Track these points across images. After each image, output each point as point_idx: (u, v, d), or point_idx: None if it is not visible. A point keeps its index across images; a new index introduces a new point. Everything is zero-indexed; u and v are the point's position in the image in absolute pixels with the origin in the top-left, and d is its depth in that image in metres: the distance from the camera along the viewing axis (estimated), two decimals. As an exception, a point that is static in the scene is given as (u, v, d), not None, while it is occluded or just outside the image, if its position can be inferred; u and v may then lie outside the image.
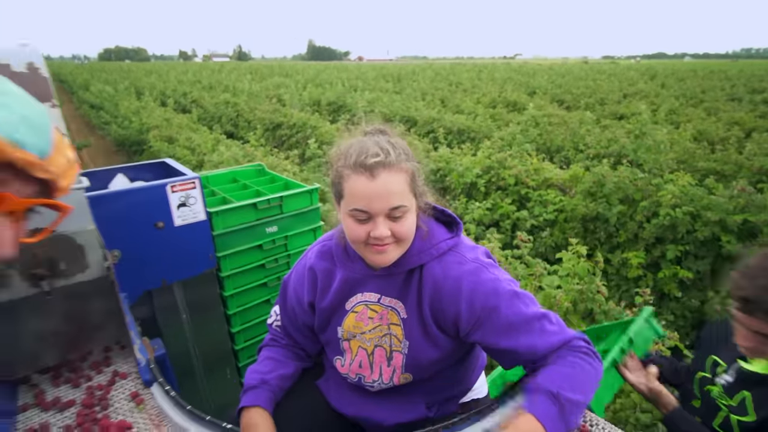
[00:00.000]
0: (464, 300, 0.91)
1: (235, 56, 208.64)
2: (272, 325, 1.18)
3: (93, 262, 1.19)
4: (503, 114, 8.92)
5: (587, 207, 3.65)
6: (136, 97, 12.74)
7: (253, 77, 21.73)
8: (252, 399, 1.01)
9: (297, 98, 11.44)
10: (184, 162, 4.98)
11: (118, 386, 1.12)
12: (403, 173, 0.86)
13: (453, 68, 27.77)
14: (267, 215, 1.75)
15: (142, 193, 1.45)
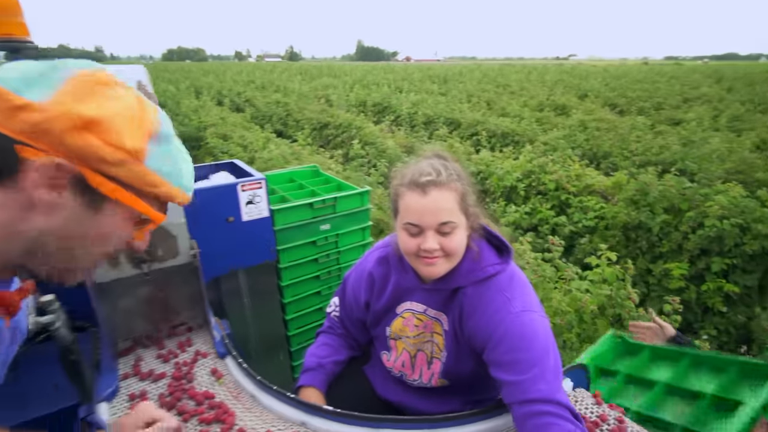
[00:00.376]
0: (480, 320, 0.98)
1: (286, 56, 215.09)
2: (331, 314, 1.32)
3: (183, 250, 1.37)
4: (550, 118, 8.74)
5: (629, 215, 3.59)
6: (195, 96, 13.58)
7: (302, 78, 22.44)
8: (310, 379, 1.18)
9: (344, 99, 11.76)
10: (236, 158, 5.33)
11: (200, 363, 1.25)
12: (453, 192, 0.94)
13: (501, 69, 27.28)
14: (322, 214, 1.87)
15: (218, 191, 1.58)
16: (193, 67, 44.56)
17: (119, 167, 0.54)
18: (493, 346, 0.95)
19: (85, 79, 0.52)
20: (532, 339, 0.92)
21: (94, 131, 0.51)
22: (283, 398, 1.09)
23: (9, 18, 1.59)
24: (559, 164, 4.47)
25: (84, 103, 0.51)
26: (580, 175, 4.25)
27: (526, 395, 0.88)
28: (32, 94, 0.49)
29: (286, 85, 16.36)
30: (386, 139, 6.59)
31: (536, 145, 5.46)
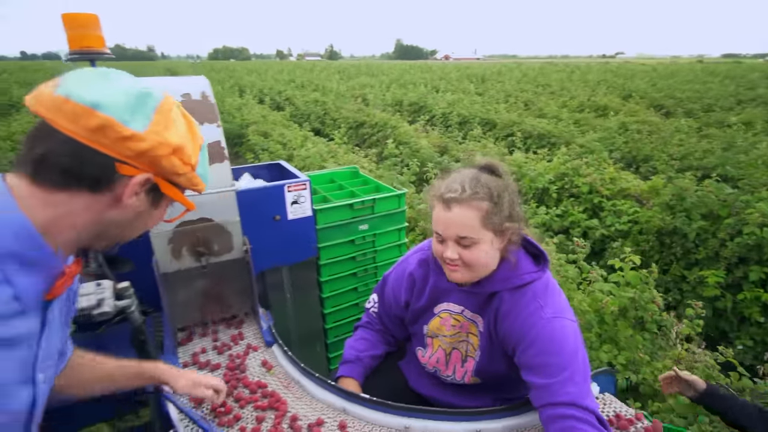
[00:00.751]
0: (512, 324, 1.04)
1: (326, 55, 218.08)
2: (369, 309, 1.38)
3: (236, 245, 1.48)
4: (590, 119, 8.54)
5: (663, 220, 3.53)
6: (239, 94, 14.15)
7: (341, 77, 22.81)
8: (348, 371, 1.27)
9: (380, 98, 11.92)
10: (276, 156, 5.59)
11: (251, 356, 1.34)
12: (475, 210, 0.98)
13: (542, 69, 26.62)
14: (361, 214, 1.95)
15: (267, 191, 1.68)
16: (237, 66, 46.14)
17: (182, 176, 0.69)
18: (524, 349, 0.99)
19: (164, 108, 0.66)
20: (562, 344, 0.96)
21: (178, 155, 0.66)
22: (325, 385, 1.18)
23: (89, 32, 1.82)
24: (594, 167, 4.42)
25: (170, 132, 0.65)
26: (614, 178, 4.19)
27: (553, 398, 0.91)
28: (135, 125, 0.61)
29: (324, 84, 16.72)
30: (420, 138, 6.68)
31: (571, 147, 5.39)
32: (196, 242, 1.42)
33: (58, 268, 0.65)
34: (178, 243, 1.41)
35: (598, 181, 4.15)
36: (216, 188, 1.41)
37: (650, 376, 1.84)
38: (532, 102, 11.46)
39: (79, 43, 1.74)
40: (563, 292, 1.08)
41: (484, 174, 1.03)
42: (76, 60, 1.74)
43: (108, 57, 1.79)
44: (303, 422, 1.09)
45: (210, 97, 1.41)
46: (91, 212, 0.63)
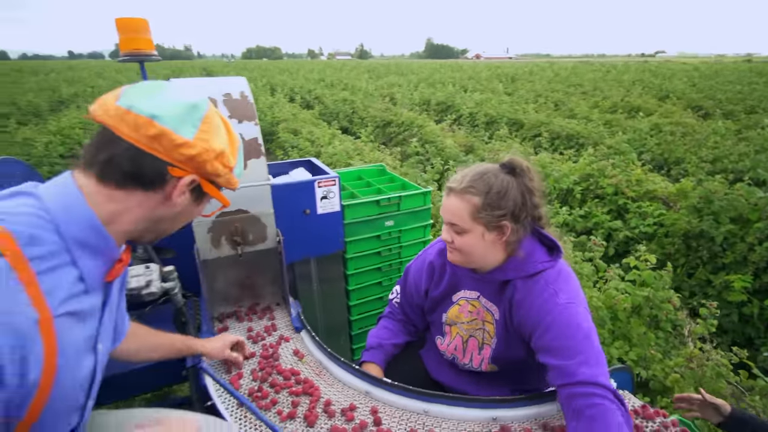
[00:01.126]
0: (527, 310, 1.07)
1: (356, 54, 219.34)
2: (392, 300, 1.45)
3: (270, 236, 1.55)
4: (621, 120, 8.35)
5: (690, 223, 3.47)
6: (270, 93, 14.53)
7: (370, 76, 22.99)
8: (371, 356, 1.34)
9: (408, 98, 12.00)
10: (305, 152, 5.78)
11: (283, 346, 1.39)
12: (466, 203, 1.05)
13: (576, 68, 25.98)
14: (387, 211, 2.00)
15: (298, 186, 1.75)
16: (269, 65, 47.13)
17: (222, 177, 0.77)
18: (541, 333, 1.03)
19: (209, 118, 0.74)
20: (577, 328, 1.00)
21: (220, 159, 0.74)
22: (349, 369, 1.24)
23: (139, 35, 1.97)
24: (620, 168, 4.37)
25: (214, 139, 0.73)
26: (641, 180, 4.14)
27: (571, 378, 0.96)
28: (185, 133, 0.70)
29: (353, 84, 16.92)
30: (446, 138, 6.73)
31: (598, 148, 5.32)
32: (234, 232, 1.51)
33: (116, 254, 0.74)
34: (218, 232, 1.51)
35: (623, 183, 4.11)
36: (252, 182, 1.48)
37: (660, 372, 1.87)
38: (562, 102, 11.27)
39: (130, 45, 1.88)
40: (576, 278, 1.12)
41: (500, 172, 1.07)
42: (127, 61, 1.89)
43: (155, 58, 1.92)
44: (336, 407, 1.13)
45: (249, 96, 1.50)
46: (144, 208, 0.72)
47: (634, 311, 2.08)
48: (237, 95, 1.48)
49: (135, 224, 0.72)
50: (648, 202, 3.98)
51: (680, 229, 3.54)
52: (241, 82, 1.53)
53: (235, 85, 1.50)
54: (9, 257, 0.58)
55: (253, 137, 1.48)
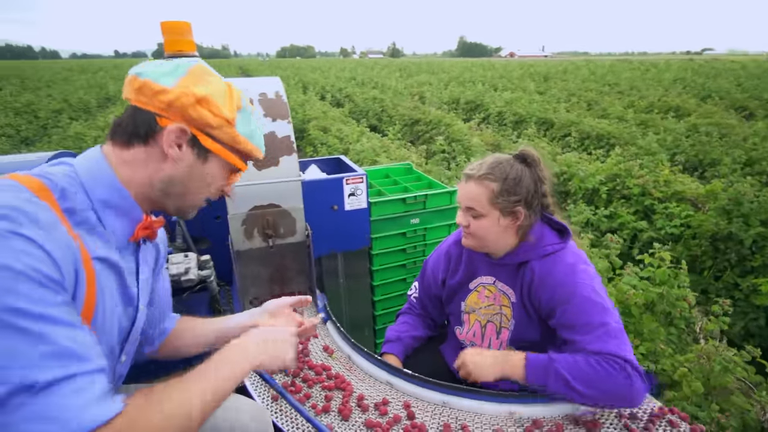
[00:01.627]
0: (548, 290, 1.12)
1: (388, 53, 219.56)
2: (411, 296, 1.49)
3: (299, 230, 1.61)
4: (657, 120, 8.11)
5: (718, 225, 3.41)
6: (302, 91, 14.88)
7: (400, 74, 23.08)
8: (390, 348, 1.37)
9: (437, 97, 12.03)
10: (333, 149, 5.96)
11: (313, 342, 1.40)
12: (484, 188, 1.12)
13: (613, 67, 25.17)
14: (413, 209, 2.02)
15: (327, 183, 1.80)
16: (302, 63, 47.96)
17: (219, 130, 0.74)
18: (562, 311, 1.08)
19: (196, 71, 0.74)
20: (595, 304, 1.06)
21: (204, 105, 0.71)
22: (372, 359, 1.28)
23: (181, 37, 2.13)
24: (648, 169, 4.31)
25: (196, 86, 0.71)
26: (669, 180, 4.08)
27: (593, 347, 1.01)
28: (165, 82, 0.70)
29: (383, 82, 17.07)
30: (473, 136, 6.77)
31: (626, 148, 5.24)
32: (266, 225, 1.57)
33: (138, 215, 0.76)
34: (251, 225, 1.56)
35: (650, 183, 4.06)
36: (285, 178, 1.54)
37: (669, 367, 1.91)
38: (595, 102, 11.02)
39: (173, 47, 2.06)
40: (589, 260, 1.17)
41: (514, 162, 1.15)
42: None
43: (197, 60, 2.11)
44: (369, 401, 1.14)
45: (283, 96, 1.57)
46: (149, 167, 0.73)
47: (648, 308, 2.12)
48: (272, 95, 1.56)
49: (149, 185, 0.74)
50: (676, 203, 3.92)
51: (707, 230, 3.48)
52: (275, 82, 1.60)
53: (271, 85, 1.58)
54: (49, 204, 0.63)
55: (286, 135, 1.54)
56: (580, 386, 0.99)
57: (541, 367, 1.05)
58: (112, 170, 0.72)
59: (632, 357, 1.01)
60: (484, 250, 1.22)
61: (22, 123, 8.79)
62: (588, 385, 0.99)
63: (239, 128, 0.76)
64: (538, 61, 51.87)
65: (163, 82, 0.70)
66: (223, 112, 0.73)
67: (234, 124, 0.75)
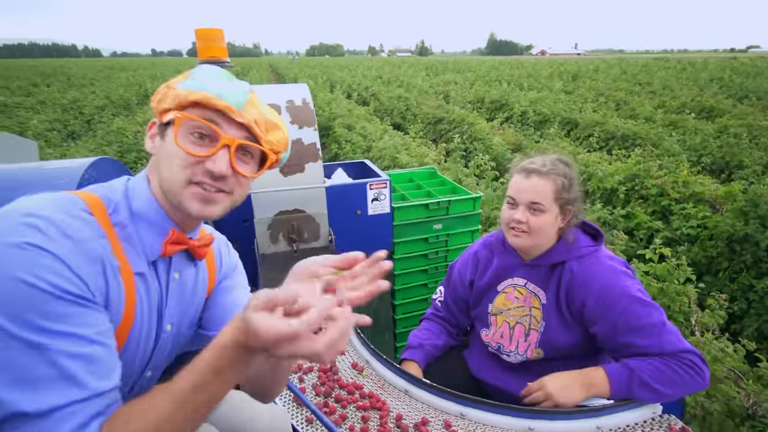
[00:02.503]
0: (593, 294, 1.11)
1: (416, 51, 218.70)
2: (435, 300, 1.47)
3: (323, 235, 1.65)
4: (688, 121, 7.94)
5: (733, 226, 3.42)
6: (329, 90, 15.18)
7: (427, 73, 23.11)
8: (411, 354, 1.35)
9: (462, 96, 12.08)
10: (357, 146, 6.16)
11: (340, 359, 1.33)
12: (552, 183, 1.13)
13: (647, 66, 24.40)
14: (436, 214, 2.01)
15: (351, 188, 1.81)
16: (330, 62, 48.52)
17: (164, 100, 0.69)
18: (617, 316, 1.08)
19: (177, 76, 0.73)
20: (646, 304, 1.08)
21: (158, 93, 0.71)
22: (391, 367, 1.26)
23: (214, 44, 2.24)
24: (667, 169, 4.31)
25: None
26: (688, 182, 4.08)
27: (662, 350, 1.04)
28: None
29: (409, 81, 17.18)
30: (494, 136, 6.84)
31: (647, 149, 5.21)
32: (290, 230, 1.62)
33: (164, 227, 0.72)
34: (276, 229, 1.60)
35: (668, 184, 4.07)
36: (310, 184, 1.58)
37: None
38: (624, 102, 10.82)
39: (206, 53, 2.04)
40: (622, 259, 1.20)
41: (562, 163, 1.19)
42: None
43: (228, 65, 2.09)
44: (408, 422, 1.10)
45: (309, 103, 1.61)
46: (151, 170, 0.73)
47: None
48: (299, 102, 1.60)
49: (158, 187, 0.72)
50: (693, 204, 3.93)
51: (723, 232, 3.49)
52: (302, 89, 1.65)
53: (298, 91, 1.63)
54: (99, 217, 0.65)
55: (312, 142, 1.58)
56: (664, 388, 1.03)
57: (625, 379, 1.06)
58: (146, 183, 0.72)
59: (691, 346, 1.06)
60: (531, 248, 1.21)
61: (69, 118, 9.41)
62: (671, 385, 1.03)
63: (181, 86, 0.68)
64: (570, 59, 50.66)
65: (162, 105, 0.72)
66: (166, 83, 0.71)
67: (174, 86, 0.69)
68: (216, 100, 0.67)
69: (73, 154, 5.35)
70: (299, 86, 1.65)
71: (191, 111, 0.68)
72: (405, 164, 4.61)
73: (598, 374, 1.08)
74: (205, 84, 0.67)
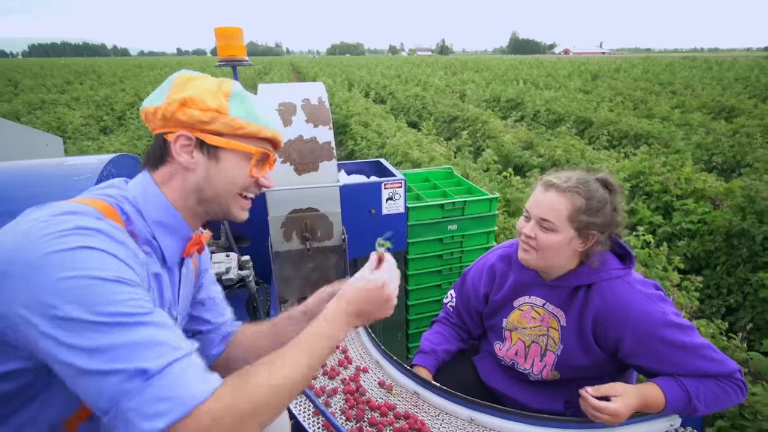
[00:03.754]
0: (630, 328, 1.04)
1: (437, 50, 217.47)
2: (447, 304, 1.44)
3: (336, 234, 1.63)
4: (701, 121, 7.91)
5: (730, 221, 3.53)
6: (347, 88, 15.47)
7: (445, 72, 23.19)
8: (422, 360, 1.33)
9: (478, 94, 12.19)
10: (372, 143, 6.40)
11: (364, 378, 1.28)
12: (568, 201, 1.05)
13: (671, 65, 23.91)
14: (451, 215, 1.98)
15: (366, 187, 1.78)
16: (350, 61, 48.91)
17: (215, 123, 0.73)
18: (659, 343, 1.02)
19: (178, 80, 0.76)
20: (688, 329, 1.03)
21: (189, 105, 0.72)
22: (402, 370, 1.25)
23: (234, 42, 2.17)
24: (671, 166, 4.42)
25: (180, 93, 0.73)
26: (690, 178, 4.18)
27: (713, 370, 1.01)
28: (156, 101, 0.74)
29: (427, 80, 17.34)
30: (506, 134, 7.00)
31: (654, 146, 5.30)
32: (304, 228, 1.61)
33: (188, 233, 0.79)
34: (290, 227, 1.60)
35: (671, 180, 4.19)
36: (323, 183, 1.57)
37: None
38: (642, 101, 10.77)
39: (226, 51, 2.06)
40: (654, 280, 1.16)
41: (598, 185, 1.09)
42: (223, 66, 2.09)
43: (246, 63, 2.11)
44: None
45: (325, 102, 1.60)
46: (178, 182, 0.76)
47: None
48: (315, 101, 1.59)
49: (185, 198, 0.77)
50: (694, 200, 4.04)
51: (721, 226, 3.60)
52: (319, 87, 1.64)
53: (314, 90, 1.62)
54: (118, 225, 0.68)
55: (327, 141, 1.57)
56: (710, 408, 1.02)
57: (681, 402, 1.02)
58: (161, 192, 0.76)
59: (734, 364, 1.03)
60: (540, 267, 1.16)
61: (102, 114, 9.94)
62: (717, 405, 1.02)
63: (233, 113, 0.75)
64: (593, 58, 49.78)
65: (155, 102, 0.74)
66: (210, 104, 0.73)
67: (226, 112, 0.74)
68: (278, 137, 0.81)
69: (107, 147, 5.75)
70: (316, 85, 1.65)
71: (253, 142, 0.78)
72: (416, 159, 4.83)
73: (653, 392, 1.02)
74: (266, 120, 0.79)
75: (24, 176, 1.22)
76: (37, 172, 1.23)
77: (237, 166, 0.77)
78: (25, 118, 9.02)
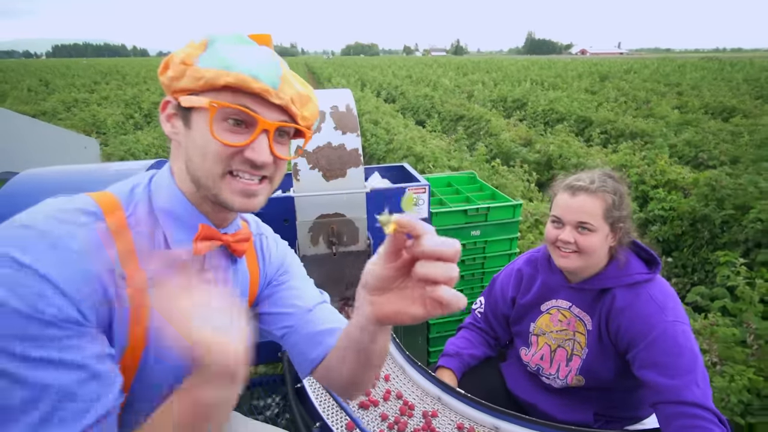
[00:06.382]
0: (627, 321, 1.06)
1: (451, 51, 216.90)
2: (475, 310, 1.43)
3: (361, 239, 1.63)
4: (703, 121, 8.25)
5: (694, 208, 3.97)
6: (360, 88, 16.03)
7: (456, 73, 23.61)
8: (447, 362, 1.33)
9: (485, 94, 12.65)
10: (380, 139, 6.92)
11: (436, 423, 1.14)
12: (600, 200, 1.05)
13: (683, 66, 23.92)
14: (474, 221, 1.96)
15: (389, 192, 1.77)
16: (364, 61, 49.54)
17: (182, 78, 0.61)
18: (645, 346, 1.01)
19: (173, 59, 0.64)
20: (685, 347, 0.99)
21: (169, 66, 0.63)
22: (425, 374, 1.24)
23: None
24: (650, 160, 4.87)
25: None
26: (664, 170, 4.63)
27: (679, 397, 0.94)
28: None
29: (437, 80, 17.81)
30: (507, 131, 7.47)
31: (636, 141, 5.73)
32: (330, 233, 1.61)
33: (196, 222, 0.67)
34: (317, 232, 1.60)
35: (647, 173, 4.64)
36: (351, 189, 1.59)
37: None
38: (644, 101, 11.10)
39: None
40: (678, 297, 1.11)
41: (611, 179, 1.13)
42: None
43: None
44: None
45: (353, 109, 1.60)
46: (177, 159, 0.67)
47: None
48: (343, 108, 1.59)
49: (183, 180, 0.67)
50: (667, 189, 4.48)
51: (686, 212, 4.05)
52: (346, 94, 1.64)
53: (342, 97, 1.62)
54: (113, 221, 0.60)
55: (354, 148, 1.57)
56: None
57: None
58: (170, 174, 0.68)
59: (715, 408, 0.95)
60: (581, 269, 1.13)
61: (131, 112, 10.67)
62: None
63: (203, 63, 0.61)
64: (610, 59, 49.45)
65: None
66: (177, 59, 0.62)
67: (191, 62, 0.62)
68: (252, 82, 0.60)
69: (142, 141, 6.39)
70: (343, 92, 1.66)
71: (223, 96, 0.61)
72: (419, 153, 5.34)
73: None
74: (235, 62, 0.60)
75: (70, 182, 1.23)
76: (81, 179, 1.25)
77: (206, 129, 0.62)
78: (62, 114, 9.79)
